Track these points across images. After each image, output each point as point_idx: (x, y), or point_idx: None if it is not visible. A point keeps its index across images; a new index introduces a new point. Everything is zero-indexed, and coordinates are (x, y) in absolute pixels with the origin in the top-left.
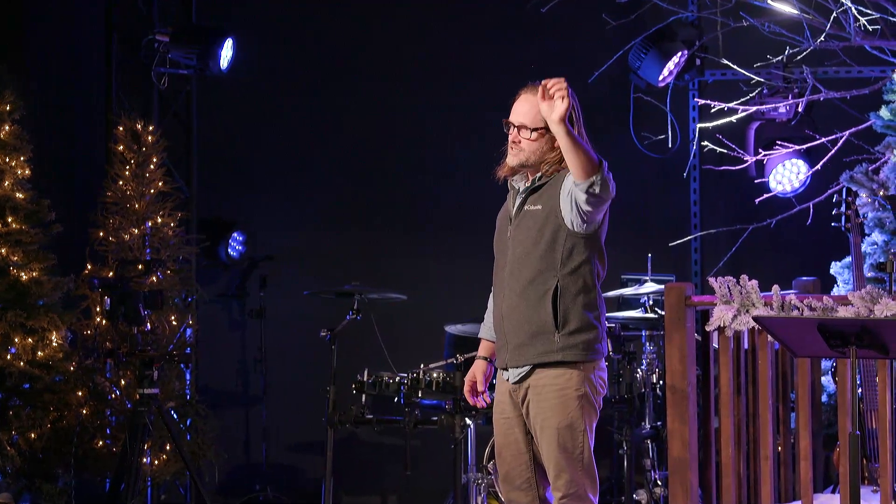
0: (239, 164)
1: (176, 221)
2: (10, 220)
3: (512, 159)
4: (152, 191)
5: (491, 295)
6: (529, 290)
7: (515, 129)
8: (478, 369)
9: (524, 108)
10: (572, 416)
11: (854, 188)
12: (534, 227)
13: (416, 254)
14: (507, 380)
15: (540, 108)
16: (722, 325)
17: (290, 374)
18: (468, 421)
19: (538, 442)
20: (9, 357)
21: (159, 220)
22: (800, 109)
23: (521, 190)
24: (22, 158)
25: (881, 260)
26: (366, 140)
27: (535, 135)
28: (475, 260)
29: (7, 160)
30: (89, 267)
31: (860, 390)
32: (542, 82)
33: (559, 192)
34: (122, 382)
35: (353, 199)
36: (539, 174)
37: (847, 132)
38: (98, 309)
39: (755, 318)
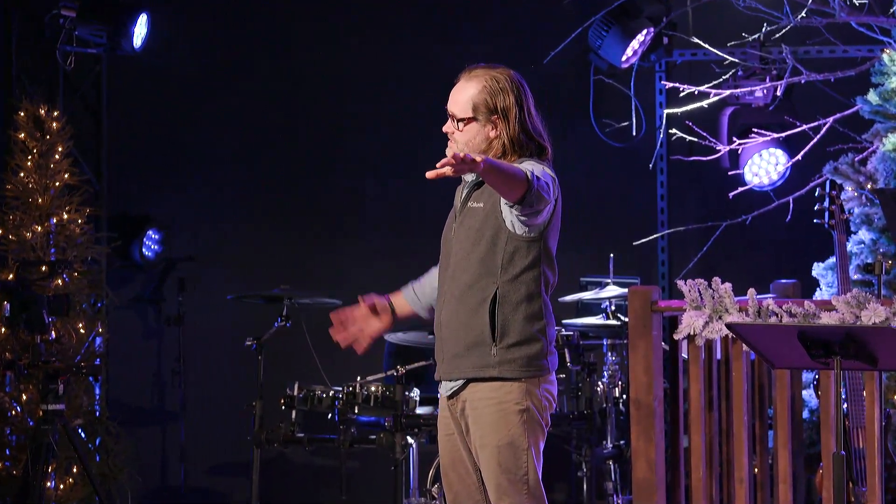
0: (154, 154)
1: (84, 218)
2: None
3: (447, 151)
4: (57, 183)
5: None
6: (467, 296)
7: (450, 118)
8: (369, 301)
9: (454, 97)
10: (513, 432)
11: (839, 181)
12: (474, 226)
13: (351, 255)
14: (443, 393)
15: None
16: (692, 333)
17: (211, 388)
18: (410, 440)
19: (478, 462)
20: None
21: (65, 216)
22: (778, 93)
23: (468, 182)
24: None
25: (869, 260)
26: (296, 129)
27: (461, 125)
28: (416, 262)
29: None
30: None
31: (845, 405)
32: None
33: None
34: (24, 397)
35: (282, 193)
36: None
37: (831, 118)
38: None
39: (728, 326)
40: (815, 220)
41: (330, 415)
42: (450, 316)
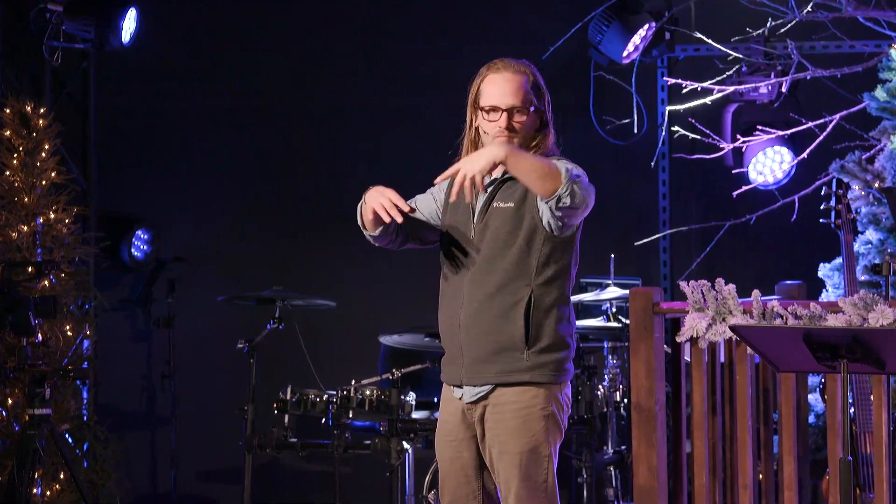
0: (143, 152)
1: (71, 217)
2: None
3: (502, 149)
4: (44, 182)
5: None
6: (497, 300)
7: (503, 113)
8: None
9: (510, 88)
10: (537, 438)
11: (845, 179)
12: (505, 226)
13: (346, 255)
14: (461, 398)
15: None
16: (695, 336)
17: (202, 392)
18: (406, 445)
19: (494, 468)
20: None
21: (52, 215)
22: (783, 90)
23: (489, 181)
24: None
25: (876, 261)
26: (288, 125)
27: (526, 116)
28: (413, 262)
29: None
30: None
31: (852, 410)
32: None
33: None
34: (10, 402)
35: (274, 192)
36: None
37: (837, 115)
38: None
39: (732, 328)
40: (821, 220)
41: (324, 419)
42: (472, 319)
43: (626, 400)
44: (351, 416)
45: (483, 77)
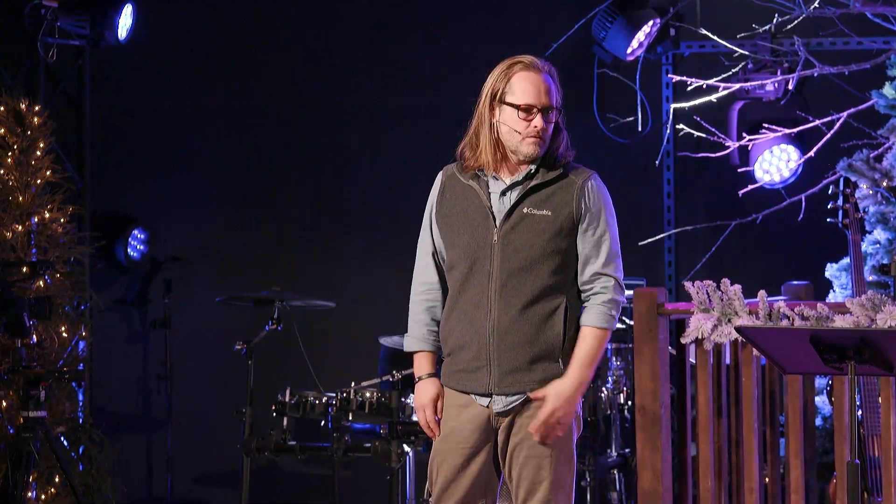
0: (139, 151)
1: (66, 216)
2: None
3: (535, 149)
4: (39, 181)
5: (418, 296)
6: (535, 308)
7: (540, 113)
8: (434, 389)
9: (548, 89)
10: (567, 440)
11: (853, 178)
12: (542, 234)
13: (345, 255)
14: (487, 406)
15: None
16: (700, 337)
17: (199, 394)
18: (406, 448)
19: (514, 473)
20: None
21: (47, 214)
22: (790, 87)
23: (509, 184)
24: None
25: (884, 261)
26: (288, 125)
27: (555, 118)
28: (409, 260)
29: None
30: None
31: (860, 412)
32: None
33: (577, 201)
34: (4, 404)
35: (273, 191)
36: (533, 168)
37: (845, 113)
38: None
39: (738, 329)
40: (828, 219)
41: (323, 422)
42: (506, 328)
43: (630, 402)
44: (351, 418)
45: (514, 72)
